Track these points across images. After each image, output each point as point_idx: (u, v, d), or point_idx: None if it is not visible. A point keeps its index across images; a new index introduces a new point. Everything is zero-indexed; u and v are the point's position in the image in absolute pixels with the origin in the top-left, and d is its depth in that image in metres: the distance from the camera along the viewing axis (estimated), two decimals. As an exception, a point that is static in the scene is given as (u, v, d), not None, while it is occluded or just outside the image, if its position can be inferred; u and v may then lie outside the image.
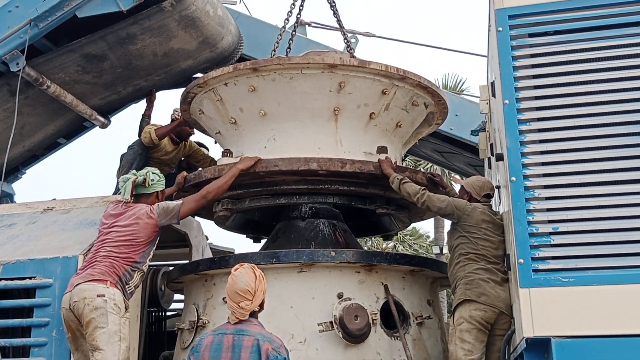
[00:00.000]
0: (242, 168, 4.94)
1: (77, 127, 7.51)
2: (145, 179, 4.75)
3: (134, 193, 4.72)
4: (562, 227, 3.76)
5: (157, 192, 4.87)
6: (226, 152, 5.34)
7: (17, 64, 5.99)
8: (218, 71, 5.23)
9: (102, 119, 7.27)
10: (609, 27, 4.04)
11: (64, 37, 6.44)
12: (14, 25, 5.91)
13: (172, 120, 6.67)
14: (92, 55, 6.40)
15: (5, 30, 5.93)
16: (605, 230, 3.71)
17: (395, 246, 25.04)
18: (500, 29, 4.20)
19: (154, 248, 4.72)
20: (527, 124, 3.99)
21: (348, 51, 6.24)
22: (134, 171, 4.91)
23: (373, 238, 21.52)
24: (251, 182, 5.23)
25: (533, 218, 3.81)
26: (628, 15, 4.02)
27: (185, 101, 5.67)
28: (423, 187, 4.93)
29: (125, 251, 4.50)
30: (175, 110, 6.57)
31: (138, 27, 6.23)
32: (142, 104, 7.36)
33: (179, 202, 4.74)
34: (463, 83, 21.92)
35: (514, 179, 3.89)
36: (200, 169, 5.55)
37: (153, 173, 4.84)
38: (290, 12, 6.12)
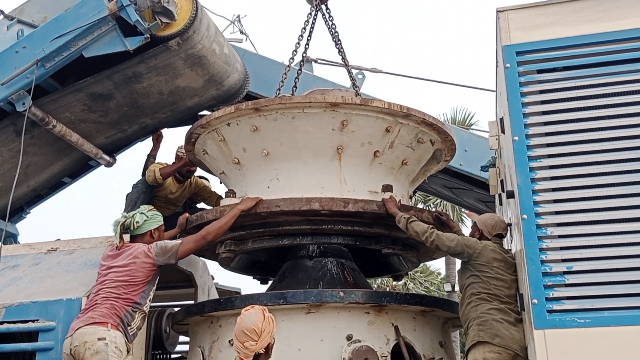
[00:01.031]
0: (243, 209, 4.89)
1: (82, 166, 7.48)
2: (131, 222, 4.72)
3: (129, 234, 4.71)
4: (577, 266, 3.68)
5: (151, 230, 4.82)
6: (229, 193, 5.29)
7: (24, 104, 5.98)
8: (220, 112, 5.22)
9: (107, 157, 7.25)
10: (617, 62, 4.02)
11: (70, 76, 6.45)
12: (21, 65, 5.91)
13: (177, 158, 6.66)
14: (99, 94, 6.40)
15: (12, 71, 5.93)
16: (622, 269, 3.63)
17: (405, 284, 24.76)
18: (508, 65, 4.18)
19: (154, 288, 4.66)
20: (538, 160, 3.94)
21: (354, 88, 6.22)
22: (124, 213, 4.88)
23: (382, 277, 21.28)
24: (253, 223, 5.17)
25: (546, 257, 3.73)
26: (636, 50, 3.99)
27: (189, 141, 5.65)
28: (431, 226, 4.84)
29: (124, 292, 4.44)
30: (179, 148, 6.55)
31: (144, 66, 6.24)
32: (148, 142, 7.36)
33: (178, 241, 4.71)
34: (472, 117, 21.90)
35: (525, 216, 3.83)
36: (201, 210, 5.50)
37: (140, 214, 4.80)
38: (296, 50, 6.12)
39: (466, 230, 5.31)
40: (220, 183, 6.09)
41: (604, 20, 4.16)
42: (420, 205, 21.54)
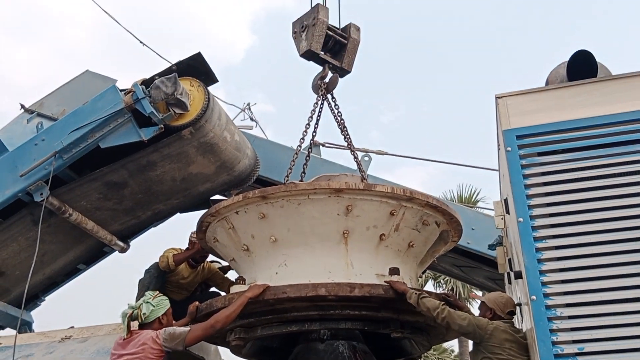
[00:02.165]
0: (250, 296, 4.94)
1: (96, 253, 7.59)
2: (138, 314, 4.78)
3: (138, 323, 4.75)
4: (588, 347, 3.67)
5: (159, 317, 4.86)
6: (239, 280, 5.37)
7: (41, 194, 6.17)
8: (229, 200, 5.35)
9: (121, 243, 7.36)
10: (616, 144, 4.13)
11: (86, 165, 6.65)
12: (40, 157, 6.14)
13: (190, 243, 6.74)
14: (114, 183, 6.58)
15: (31, 163, 6.15)
16: (634, 350, 3.61)
17: (419, 361, 24.14)
18: (509, 149, 4.30)
19: None
20: (543, 241, 4.00)
21: (360, 172, 6.35)
22: (131, 304, 4.93)
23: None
24: (262, 310, 5.20)
25: (557, 338, 3.73)
26: (634, 132, 4.11)
27: (201, 229, 5.76)
28: (443, 302, 4.85)
29: None
30: (192, 234, 6.65)
31: (158, 155, 6.43)
32: (161, 228, 7.49)
33: (187, 329, 4.74)
34: (478, 193, 21.97)
35: (534, 297, 3.85)
36: (211, 299, 5.54)
37: (146, 303, 4.84)
38: (304, 138, 6.27)
39: (475, 310, 5.29)
40: (232, 269, 6.17)
41: (602, 104, 4.31)
42: (430, 283, 21.38)
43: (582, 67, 4.69)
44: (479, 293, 12.17)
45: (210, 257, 7.08)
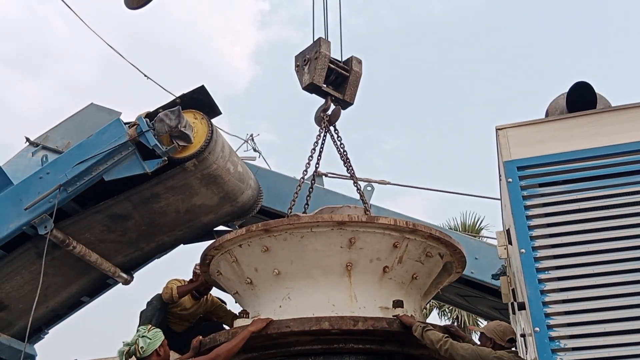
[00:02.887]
0: (253, 330, 4.92)
1: (100, 285, 7.58)
2: (136, 349, 4.77)
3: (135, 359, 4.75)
4: (593, 379, 3.65)
5: (156, 349, 4.85)
6: (242, 314, 5.35)
7: (45, 227, 6.19)
8: (232, 234, 5.37)
9: (125, 275, 7.36)
10: (616, 175, 4.15)
11: (90, 197, 6.69)
12: (44, 190, 6.17)
13: (194, 275, 6.74)
14: (118, 215, 6.60)
15: (36, 196, 6.18)
16: (639, 382, 3.59)
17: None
18: (510, 180, 4.32)
19: None
20: (546, 272, 3.99)
21: (363, 204, 6.37)
22: (126, 341, 4.91)
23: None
24: (265, 344, 5.18)
25: (561, 371, 3.71)
26: (634, 163, 4.14)
27: (204, 263, 5.77)
28: (446, 335, 4.83)
29: None
30: (196, 266, 6.65)
31: (162, 187, 6.47)
32: (164, 259, 7.49)
33: None
34: (481, 221, 21.89)
35: (537, 329, 3.84)
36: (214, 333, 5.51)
37: (142, 337, 4.83)
38: (306, 170, 6.29)
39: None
40: (236, 302, 6.15)
41: (602, 134, 4.34)
42: (435, 312, 21.21)
43: (581, 98, 4.73)
44: (484, 323, 12.10)
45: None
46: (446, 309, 20.72)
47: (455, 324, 18.38)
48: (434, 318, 20.57)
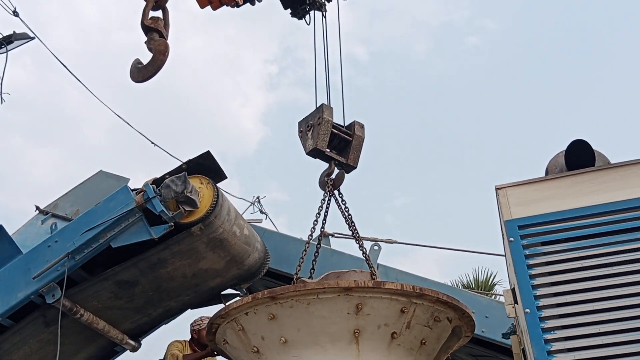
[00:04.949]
0: None
1: (107, 352, 7.52)
2: None
3: None
4: None
5: None
6: (249, 384, 5.30)
7: (53, 295, 6.22)
8: (238, 302, 5.36)
9: (132, 342, 7.32)
10: (620, 232, 4.16)
11: (97, 264, 6.73)
12: (53, 259, 6.22)
13: (193, 332, 6.72)
14: (125, 282, 6.63)
15: (44, 264, 6.23)
16: None
17: None
18: (511, 239, 4.34)
19: None
20: (552, 332, 3.97)
21: (369, 268, 6.34)
22: None
23: None
24: (272, 416, 5.11)
25: None
26: (636, 220, 4.16)
27: (210, 331, 5.73)
28: None
29: None
30: (194, 323, 6.63)
31: (169, 252, 6.51)
32: (172, 324, 7.46)
33: None
34: (494, 276, 21.59)
35: (545, 392, 3.79)
36: None
37: None
38: (311, 234, 6.32)
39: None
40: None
41: (602, 191, 4.38)
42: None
43: (579, 156, 4.80)
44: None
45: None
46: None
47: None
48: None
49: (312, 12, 7.54)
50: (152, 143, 9.50)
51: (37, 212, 7.24)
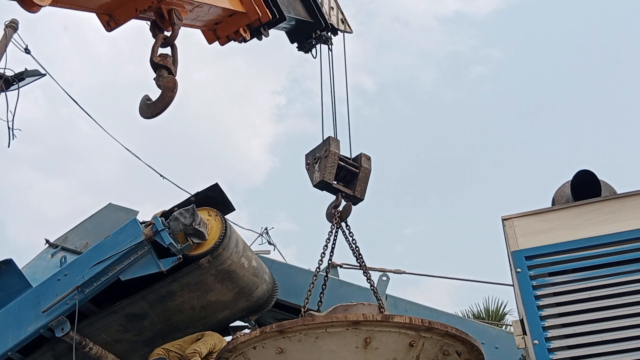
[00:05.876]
0: None
1: (116, 387, 7.51)
2: None
3: None
4: None
5: None
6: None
7: (62, 329, 6.24)
8: (246, 335, 5.34)
9: (141, 375, 7.30)
10: (627, 262, 4.15)
11: (105, 296, 6.76)
12: (62, 292, 6.27)
13: None
14: (133, 315, 6.65)
15: (54, 298, 6.27)
16: None
17: None
18: (519, 270, 4.33)
19: None
20: (561, 364, 3.94)
21: (377, 301, 6.32)
22: None
23: None
24: None
25: None
26: (640, 250, 4.15)
27: (219, 366, 5.71)
28: None
29: None
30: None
31: (177, 285, 6.54)
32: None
33: None
34: (505, 306, 21.37)
35: None
36: None
37: None
38: (319, 267, 6.31)
39: None
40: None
41: (609, 222, 4.36)
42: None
43: (585, 186, 4.81)
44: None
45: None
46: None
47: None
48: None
49: (318, 45, 7.65)
50: (161, 176, 9.58)
51: (47, 245, 7.31)
